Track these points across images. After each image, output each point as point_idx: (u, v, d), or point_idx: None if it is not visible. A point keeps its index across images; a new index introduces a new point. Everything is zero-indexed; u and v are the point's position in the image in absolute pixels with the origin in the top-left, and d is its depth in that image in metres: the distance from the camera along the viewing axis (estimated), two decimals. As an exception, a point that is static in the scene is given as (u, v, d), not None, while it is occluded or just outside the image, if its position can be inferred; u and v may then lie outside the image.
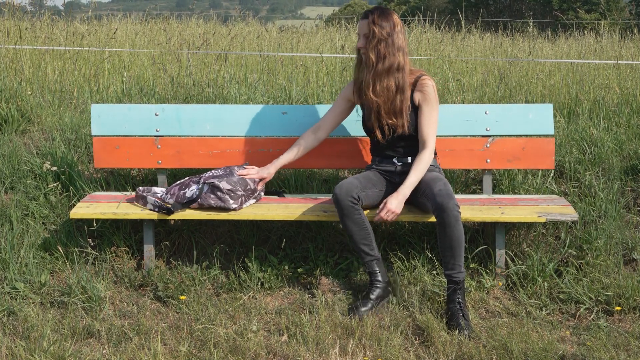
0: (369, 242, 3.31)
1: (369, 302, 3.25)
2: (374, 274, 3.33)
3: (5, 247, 3.63)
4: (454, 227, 3.11)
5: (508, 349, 2.88)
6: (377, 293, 3.28)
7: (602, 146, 4.31)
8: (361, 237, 3.29)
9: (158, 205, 3.47)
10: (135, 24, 8.68)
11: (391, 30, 3.31)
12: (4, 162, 4.25)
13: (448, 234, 3.12)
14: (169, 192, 3.56)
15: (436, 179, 3.31)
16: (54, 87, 5.54)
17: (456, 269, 3.17)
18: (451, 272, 3.18)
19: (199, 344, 2.97)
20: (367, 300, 3.25)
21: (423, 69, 6.17)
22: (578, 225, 3.76)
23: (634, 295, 3.25)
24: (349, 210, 3.23)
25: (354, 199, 3.24)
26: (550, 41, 9.17)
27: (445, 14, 12.33)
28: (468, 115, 3.81)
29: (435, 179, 3.31)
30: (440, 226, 3.14)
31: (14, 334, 3.07)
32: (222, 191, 3.43)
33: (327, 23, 10.51)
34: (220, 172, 3.57)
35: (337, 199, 3.24)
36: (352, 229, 3.28)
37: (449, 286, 3.19)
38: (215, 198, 3.44)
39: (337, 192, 3.24)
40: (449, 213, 3.10)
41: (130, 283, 3.53)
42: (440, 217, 3.13)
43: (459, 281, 3.17)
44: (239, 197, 3.45)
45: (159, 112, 3.89)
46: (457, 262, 3.17)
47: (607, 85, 5.61)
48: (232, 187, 3.44)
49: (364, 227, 3.28)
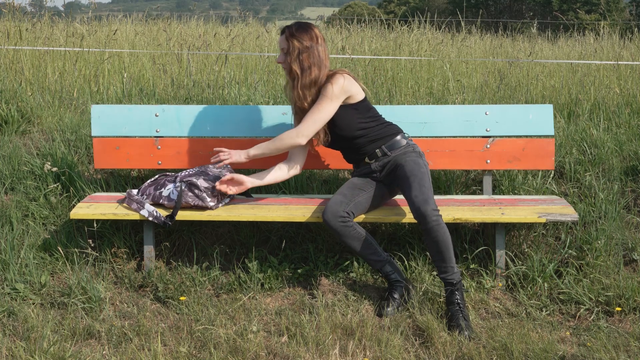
0: (374, 250, 3.31)
1: (394, 301, 3.25)
2: (390, 274, 3.33)
3: (5, 247, 3.63)
4: (436, 232, 3.09)
5: (508, 349, 2.88)
6: (400, 292, 3.29)
7: (602, 147, 4.31)
8: (365, 248, 3.29)
9: (155, 216, 3.46)
10: (135, 24, 8.68)
11: (312, 43, 3.32)
12: (4, 163, 4.25)
13: (433, 239, 3.11)
14: (143, 192, 3.57)
15: (412, 175, 3.26)
16: (54, 88, 5.54)
17: (449, 270, 3.16)
18: (445, 275, 3.17)
19: (199, 345, 2.97)
20: (392, 300, 3.26)
21: (423, 69, 6.17)
22: (578, 226, 3.76)
23: (634, 296, 3.25)
24: (343, 230, 3.24)
25: (344, 217, 3.24)
26: (550, 42, 9.17)
27: (446, 15, 12.33)
28: (468, 116, 3.81)
29: (411, 175, 3.26)
30: (424, 233, 3.13)
31: (14, 334, 3.07)
32: (199, 189, 3.45)
33: (327, 24, 10.51)
34: (195, 171, 3.58)
35: (328, 225, 3.25)
36: (353, 246, 3.28)
37: (446, 288, 3.19)
38: (193, 196, 3.46)
39: (326, 218, 3.24)
40: (428, 220, 3.08)
41: (130, 284, 3.53)
42: (422, 224, 3.12)
43: (455, 282, 3.17)
44: (215, 195, 3.47)
45: (159, 113, 3.89)
46: (448, 264, 3.15)
47: (607, 85, 5.61)
48: (209, 184, 3.47)
49: (363, 238, 3.29)
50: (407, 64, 6.22)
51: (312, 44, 3.30)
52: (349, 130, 3.39)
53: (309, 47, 3.30)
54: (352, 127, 3.38)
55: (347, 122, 3.38)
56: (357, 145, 3.43)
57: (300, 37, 3.31)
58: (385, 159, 3.41)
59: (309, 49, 3.30)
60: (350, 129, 3.38)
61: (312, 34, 3.33)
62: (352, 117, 3.38)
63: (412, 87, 5.68)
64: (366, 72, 5.92)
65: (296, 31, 3.32)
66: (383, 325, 3.10)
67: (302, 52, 3.29)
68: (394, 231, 3.85)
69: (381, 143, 3.41)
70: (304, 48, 3.29)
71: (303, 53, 3.29)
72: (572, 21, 11.83)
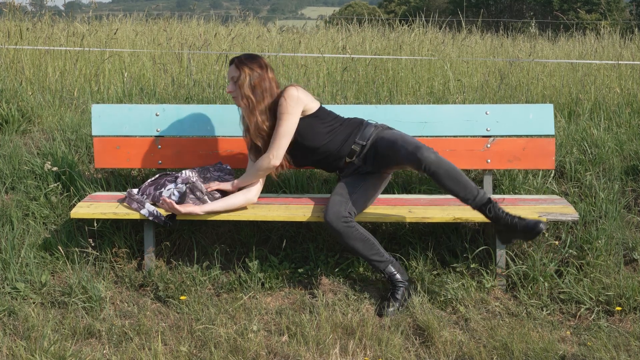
0: (377, 250, 3.31)
1: (395, 301, 3.25)
2: (393, 275, 3.32)
3: (6, 247, 3.63)
4: (443, 166, 3.11)
5: (508, 349, 2.88)
6: (402, 292, 3.29)
7: (603, 146, 4.31)
8: (367, 249, 3.29)
9: (156, 215, 3.46)
10: (135, 24, 8.68)
11: (262, 71, 3.40)
12: (5, 162, 4.25)
13: (443, 173, 3.11)
14: (143, 192, 3.58)
15: (393, 140, 3.30)
16: (55, 88, 5.54)
17: (475, 192, 3.13)
18: (476, 198, 3.14)
19: (199, 344, 2.97)
20: (393, 300, 3.26)
21: (423, 69, 6.17)
22: (578, 226, 3.76)
23: (634, 295, 3.25)
24: (346, 231, 3.24)
25: (346, 217, 3.25)
26: (550, 41, 9.17)
27: (446, 14, 12.32)
28: (468, 116, 3.81)
29: (392, 141, 3.30)
30: (433, 176, 3.13)
31: (14, 334, 3.07)
32: (201, 192, 3.47)
33: (327, 23, 10.51)
34: (196, 170, 3.61)
35: (330, 227, 3.25)
36: (356, 247, 3.28)
37: (487, 208, 3.13)
38: (194, 199, 3.47)
39: (328, 219, 3.24)
40: (429, 161, 3.10)
41: (130, 283, 3.54)
42: (426, 169, 3.12)
43: (488, 198, 3.14)
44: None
45: (159, 113, 3.89)
46: (471, 188, 3.13)
47: (607, 85, 5.61)
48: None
49: (365, 239, 3.28)
50: (407, 63, 6.22)
51: (262, 72, 3.40)
52: (318, 138, 3.42)
53: (260, 74, 3.39)
54: (319, 133, 3.42)
55: (314, 130, 3.42)
56: (330, 150, 3.45)
57: (251, 64, 3.40)
58: (364, 150, 3.43)
59: (260, 75, 3.39)
60: (318, 136, 3.42)
61: (261, 62, 3.43)
62: (316, 124, 3.42)
63: (412, 87, 5.68)
64: (367, 71, 5.92)
65: (246, 59, 3.42)
66: (383, 325, 3.10)
67: (254, 78, 3.38)
68: (394, 231, 3.85)
69: (353, 138, 3.44)
70: (255, 75, 3.38)
71: (255, 79, 3.38)
72: (572, 21, 11.82)
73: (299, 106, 3.36)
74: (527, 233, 3.08)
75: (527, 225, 3.07)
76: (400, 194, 3.87)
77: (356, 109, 3.87)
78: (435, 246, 3.70)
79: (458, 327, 3.14)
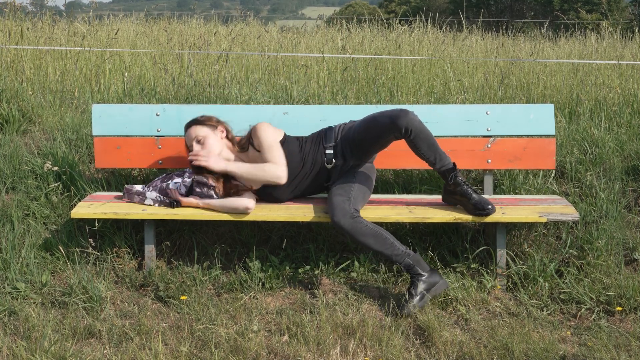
0: (391, 243, 3.27)
1: (412, 297, 3.19)
2: (411, 268, 3.25)
3: (6, 247, 3.63)
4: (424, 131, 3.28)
5: (509, 349, 2.88)
6: (422, 285, 3.22)
7: (603, 146, 4.31)
8: (380, 244, 3.25)
9: (160, 200, 3.48)
10: (136, 24, 8.68)
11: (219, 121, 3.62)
12: (5, 162, 4.25)
13: (423, 137, 3.28)
14: (150, 185, 3.60)
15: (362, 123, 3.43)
16: (55, 87, 5.54)
17: (444, 158, 3.36)
18: (442, 163, 3.35)
19: (200, 344, 2.97)
20: (410, 296, 3.20)
21: (424, 69, 6.17)
22: (579, 226, 3.76)
23: (635, 295, 3.25)
24: (355, 228, 3.23)
25: (353, 214, 3.25)
26: (551, 41, 9.16)
27: (447, 14, 12.32)
28: (469, 116, 3.81)
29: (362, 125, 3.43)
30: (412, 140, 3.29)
31: (15, 334, 3.07)
32: (208, 186, 3.48)
33: (328, 23, 10.51)
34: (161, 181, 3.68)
35: (339, 226, 3.24)
36: (368, 243, 3.25)
37: (450, 175, 3.34)
38: (200, 193, 3.50)
39: (336, 219, 3.24)
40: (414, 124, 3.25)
41: (131, 283, 3.54)
42: (406, 133, 3.25)
43: (453, 165, 3.37)
44: (217, 194, 3.51)
45: (160, 112, 3.89)
46: (440, 152, 3.35)
47: (608, 85, 5.61)
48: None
49: (377, 233, 3.26)
50: (407, 63, 6.22)
51: (220, 121, 3.62)
52: (294, 158, 3.51)
53: (222, 122, 3.63)
54: (293, 152, 3.52)
55: (288, 150, 3.52)
56: (309, 164, 3.51)
57: (209, 118, 3.60)
58: (338, 149, 3.49)
59: (222, 123, 3.63)
60: (296, 151, 3.53)
61: (215, 117, 3.63)
62: (288, 146, 3.52)
63: (413, 87, 5.67)
64: (367, 71, 5.92)
65: (202, 117, 3.60)
66: (384, 325, 3.10)
67: (219, 125, 3.59)
68: (394, 231, 3.85)
69: (322, 146, 3.52)
70: (219, 123, 3.60)
71: (220, 126, 3.59)
72: (573, 21, 11.82)
73: (271, 128, 3.52)
74: (476, 210, 3.32)
75: (478, 202, 3.31)
76: (400, 194, 3.87)
77: (356, 108, 3.87)
78: (435, 246, 3.70)
79: (458, 327, 3.14)
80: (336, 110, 3.89)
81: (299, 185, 3.55)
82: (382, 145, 3.44)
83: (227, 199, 3.44)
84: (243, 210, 3.39)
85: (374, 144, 3.41)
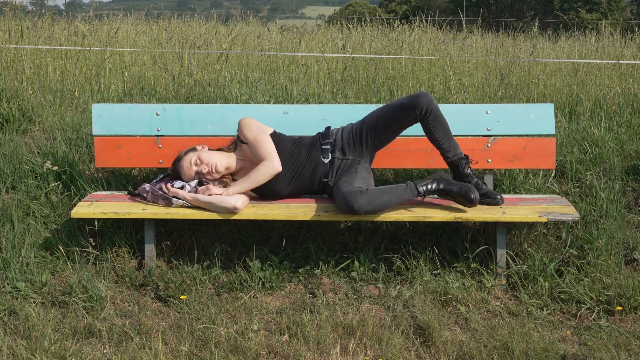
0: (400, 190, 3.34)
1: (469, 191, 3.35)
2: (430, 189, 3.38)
3: (6, 246, 3.63)
4: (441, 116, 3.40)
5: (509, 348, 2.88)
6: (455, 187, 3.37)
7: (603, 146, 4.31)
8: (399, 195, 3.33)
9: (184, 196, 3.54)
10: (136, 23, 8.68)
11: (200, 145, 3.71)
12: (5, 162, 4.25)
13: (441, 124, 3.39)
14: (153, 186, 3.61)
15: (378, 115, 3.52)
16: (55, 87, 5.54)
17: (456, 146, 3.46)
18: (455, 152, 3.44)
19: (200, 344, 2.97)
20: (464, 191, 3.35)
21: (424, 69, 6.17)
22: (579, 225, 3.76)
23: (635, 295, 3.25)
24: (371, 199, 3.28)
25: (360, 188, 3.32)
26: (551, 41, 9.16)
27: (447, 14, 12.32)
28: (469, 115, 3.81)
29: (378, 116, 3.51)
30: (431, 122, 3.38)
31: (15, 333, 3.07)
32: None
33: (328, 23, 10.50)
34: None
35: (360, 208, 3.27)
36: (390, 200, 3.32)
37: (461, 162, 3.44)
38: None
39: (350, 204, 3.27)
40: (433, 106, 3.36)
41: (131, 283, 3.54)
42: (427, 115, 3.35)
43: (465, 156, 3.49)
44: None
45: (160, 112, 3.89)
46: (453, 141, 3.47)
47: (608, 85, 5.61)
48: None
49: (384, 190, 3.32)
50: (408, 63, 6.22)
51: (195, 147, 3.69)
52: (287, 141, 3.59)
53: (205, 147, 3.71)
54: (287, 140, 3.59)
55: (280, 139, 3.59)
56: (304, 156, 3.56)
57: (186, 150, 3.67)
58: (336, 145, 3.55)
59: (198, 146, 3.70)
60: (288, 140, 3.60)
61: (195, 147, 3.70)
62: (279, 139, 3.59)
63: (413, 86, 5.67)
64: (367, 71, 5.91)
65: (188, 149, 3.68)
66: (384, 325, 3.10)
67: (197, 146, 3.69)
68: (394, 230, 3.85)
69: (318, 143, 3.58)
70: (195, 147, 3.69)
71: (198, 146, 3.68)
72: (573, 20, 11.82)
73: (253, 121, 3.59)
74: (487, 198, 3.45)
75: (488, 191, 3.46)
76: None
77: (356, 108, 3.87)
78: (435, 246, 3.70)
79: (458, 326, 3.14)
80: (336, 109, 3.89)
81: (296, 177, 3.56)
82: (396, 131, 3.51)
83: (216, 197, 3.45)
84: (231, 209, 3.40)
85: (388, 128, 3.46)
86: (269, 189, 3.56)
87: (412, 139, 3.82)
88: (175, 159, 3.66)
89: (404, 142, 3.81)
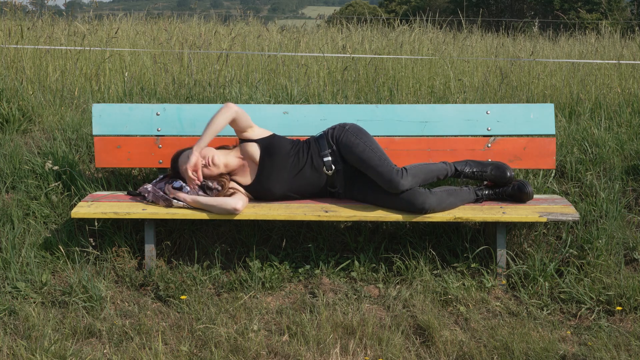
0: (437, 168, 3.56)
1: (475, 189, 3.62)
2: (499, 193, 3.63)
3: (6, 246, 3.63)
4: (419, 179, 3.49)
5: (509, 348, 2.88)
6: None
7: (603, 146, 4.31)
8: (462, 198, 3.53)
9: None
10: (136, 23, 8.68)
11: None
12: (5, 162, 4.25)
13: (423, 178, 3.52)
14: (154, 186, 3.62)
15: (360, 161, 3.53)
16: (55, 87, 5.54)
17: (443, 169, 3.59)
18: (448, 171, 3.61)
19: (200, 344, 2.97)
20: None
21: (424, 69, 6.18)
22: (579, 225, 3.76)
23: (635, 295, 3.25)
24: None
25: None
26: (551, 41, 9.16)
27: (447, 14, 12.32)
28: (469, 115, 3.81)
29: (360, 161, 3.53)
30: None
31: (15, 333, 3.07)
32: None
33: (328, 23, 10.50)
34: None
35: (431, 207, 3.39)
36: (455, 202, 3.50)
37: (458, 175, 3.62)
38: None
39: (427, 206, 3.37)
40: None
41: (131, 283, 3.54)
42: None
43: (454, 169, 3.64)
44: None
45: (160, 112, 3.89)
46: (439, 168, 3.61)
47: (608, 85, 5.61)
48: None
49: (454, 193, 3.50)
50: (408, 63, 6.22)
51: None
52: (283, 147, 3.57)
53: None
54: (284, 144, 3.58)
55: (278, 143, 3.58)
56: (304, 161, 3.56)
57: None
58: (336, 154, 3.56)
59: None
60: (284, 145, 3.58)
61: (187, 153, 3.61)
62: (276, 138, 3.60)
63: (413, 86, 5.68)
64: (367, 71, 5.91)
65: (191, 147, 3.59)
66: (384, 325, 3.10)
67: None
68: (394, 230, 3.85)
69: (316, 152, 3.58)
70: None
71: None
72: (573, 20, 11.82)
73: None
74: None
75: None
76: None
77: (356, 108, 3.87)
78: (435, 246, 3.70)
79: (458, 326, 3.14)
80: (336, 109, 3.89)
81: (294, 181, 3.56)
82: None
83: (216, 198, 3.45)
84: (231, 210, 3.40)
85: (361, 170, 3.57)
86: (265, 189, 3.55)
87: (412, 139, 3.82)
88: (173, 157, 3.66)
89: (404, 142, 3.81)
